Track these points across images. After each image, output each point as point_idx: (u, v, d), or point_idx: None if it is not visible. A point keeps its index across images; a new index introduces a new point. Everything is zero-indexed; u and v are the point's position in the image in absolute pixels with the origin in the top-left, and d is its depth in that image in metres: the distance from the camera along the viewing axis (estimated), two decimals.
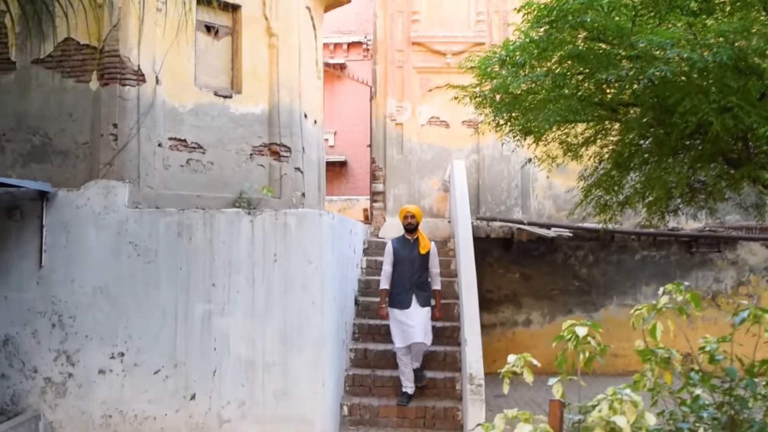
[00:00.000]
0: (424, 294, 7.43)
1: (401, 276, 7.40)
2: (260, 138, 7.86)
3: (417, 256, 7.45)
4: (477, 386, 6.44)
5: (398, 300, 7.36)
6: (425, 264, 7.51)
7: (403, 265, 7.41)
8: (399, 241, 7.63)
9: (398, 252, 7.49)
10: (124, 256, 6.77)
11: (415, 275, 7.39)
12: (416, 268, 7.42)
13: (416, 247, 7.48)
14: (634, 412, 2.86)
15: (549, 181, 11.76)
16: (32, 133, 7.17)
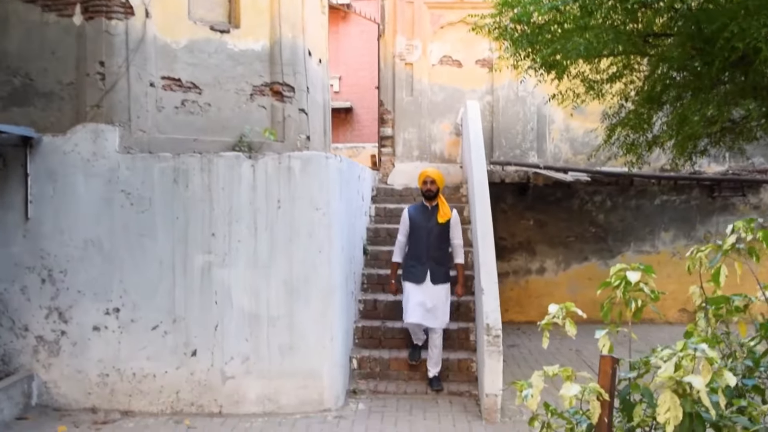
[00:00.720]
0: (441, 269, 6.66)
1: (416, 247, 6.69)
2: (261, 77, 7.26)
3: (435, 225, 6.67)
4: (494, 337, 5.99)
5: (411, 273, 6.68)
6: (444, 235, 6.73)
7: (419, 235, 6.68)
8: (416, 208, 6.91)
9: (414, 220, 6.75)
10: (117, 205, 6.26)
11: (431, 247, 6.63)
12: (433, 239, 6.66)
13: (434, 216, 6.70)
14: (710, 370, 2.32)
15: (566, 124, 11.19)
16: (12, 73, 6.58)
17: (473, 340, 7.27)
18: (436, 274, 6.58)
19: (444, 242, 6.73)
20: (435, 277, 6.57)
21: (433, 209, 6.75)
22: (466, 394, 6.64)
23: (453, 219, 6.76)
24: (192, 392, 6.17)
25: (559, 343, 9.23)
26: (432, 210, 6.75)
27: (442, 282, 6.61)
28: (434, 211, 6.73)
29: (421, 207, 6.86)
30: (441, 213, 6.68)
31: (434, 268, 6.59)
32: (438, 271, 6.60)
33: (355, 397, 6.56)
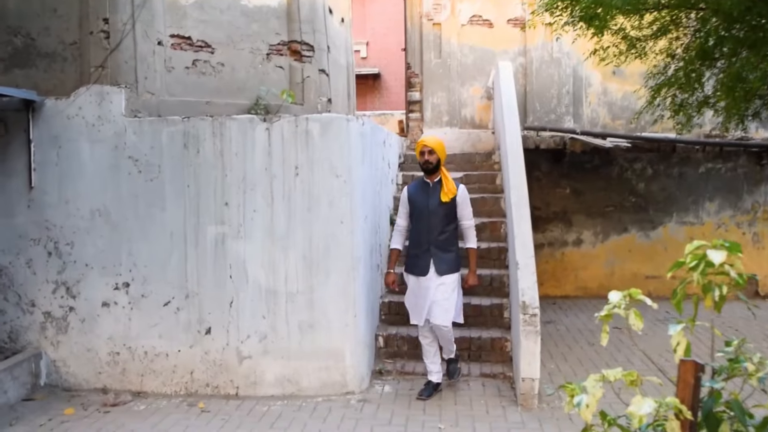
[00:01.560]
0: (446, 256, 5.56)
1: (417, 232, 5.65)
2: (278, 35, 6.74)
3: (437, 205, 5.56)
4: (531, 316, 5.47)
5: (412, 263, 5.67)
6: (450, 216, 5.61)
7: (419, 218, 5.63)
8: (416, 185, 5.77)
9: (414, 200, 5.68)
10: (124, 173, 5.83)
11: (433, 231, 5.56)
12: (435, 222, 5.57)
13: (437, 194, 5.57)
14: None
15: (604, 87, 10.52)
16: (12, 33, 6.15)
17: (507, 317, 6.78)
18: (442, 263, 5.54)
19: (449, 224, 5.62)
20: (440, 267, 5.53)
21: (435, 186, 5.62)
22: (500, 376, 6.15)
23: (460, 195, 5.60)
24: (207, 372, 5.77)
25: (600, 322, 8.69)
26: (434, 187, 5.63)
27: (449, 272, 5.55)
28: (436, 187, 5.61)
29: (421, 184, 5.73)
30: (444, 190, 5.55)
31: (439, 256, 5.54)
32: (444, 260, 5.54)
33: (380, 378, 6.11)
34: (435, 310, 5.48)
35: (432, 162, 5.56)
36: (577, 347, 7.38)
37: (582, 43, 10.16)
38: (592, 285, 10.35)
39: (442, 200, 5.53)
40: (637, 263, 10.41)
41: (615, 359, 6.89)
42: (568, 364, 6.69)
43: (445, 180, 5.60)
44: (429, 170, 5.60)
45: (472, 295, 7.08)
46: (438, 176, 5.63)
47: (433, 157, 5.54)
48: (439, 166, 5.61)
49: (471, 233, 5.74)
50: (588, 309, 9.40)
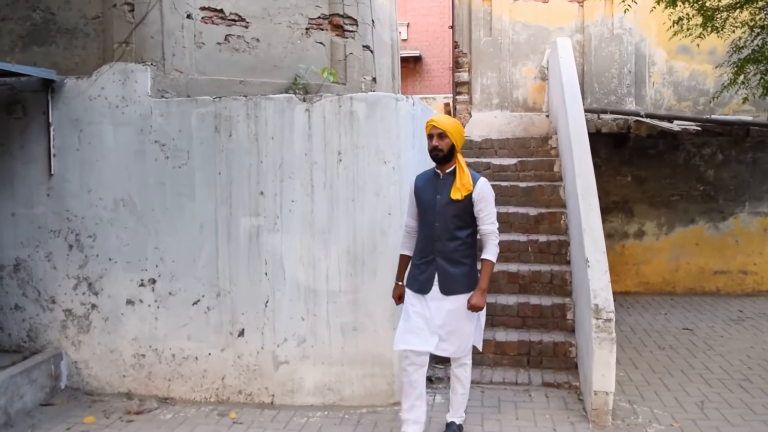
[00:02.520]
0: (455, 271, 4.25)
1: (422, 236, 4.42)
2: (318, 8, 6.13)
3: (446, 203, 4.27)
4: (605, 321, 4.80)
5: (412, 276, 4.42)
6: (463, 218, 4.28)
7: (425, 218, 4.38)
8: (425, 176, 4.53)
9: (420, 194, 4.45)
10: (150, 158, 5.30)
11: (440, 236, 4.27)
12: (443, 225, 4.27)
13: (446, 189, 4.29)
14: None
15: (669, 65, 9.72)
16: (31, 7, 5.65)
17: (571, 319, 6.12)
18: (449, 280, 4.25)
19: (463, 228, 4.30)
20: (446, 285, 4.25)
21: (446, 179, 4.33)
22: (564, 385, 5.50)
23: (477, 193, 4.26)
24: (239, 378, 5.23)
25: (665, 320, 7.96)
26: (444, 180, 4.34)
27: (458, 291, 4.24)
28: (447, 181, 4.32)
29: (432, 175, 4.47)
30: (457, 184, 4.25)
31: (445, 269, 4.25)
32: (452, 275, 4.25)
33: (431, 386, 5.50)
34: (443, 343, 4.26)
35: (443, 149, 4.26)
36: (647, 351, 6.67)
37: (645, 18, 9.46)
38: (654, 280, 9.60)
39: (452, 198, 4.22)
40: (704, 257, 9.60)
41: (691, 365, 6.18)
42: (638, 372, 6.00)
43: (459, 172, 4.28)
44: (439, 159, 4.32)
45: (531, 293, 6.45)
46: (451, 166, 4.34)
47: (445, 142, 4.26)
48: (454, 154, 4.33)
49: (491, 242, 4.30)
50: (651, 306, 8.66)
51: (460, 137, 4.35)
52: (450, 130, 4.25)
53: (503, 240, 6.77)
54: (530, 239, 6.88)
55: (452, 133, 4.27)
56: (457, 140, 4.32)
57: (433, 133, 4.28)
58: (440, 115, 4.21)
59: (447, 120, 4.32)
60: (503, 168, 7.98)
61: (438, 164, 4.38)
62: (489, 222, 4.30)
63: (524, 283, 6.52)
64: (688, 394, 5.43)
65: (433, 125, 4.28)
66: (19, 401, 4.91)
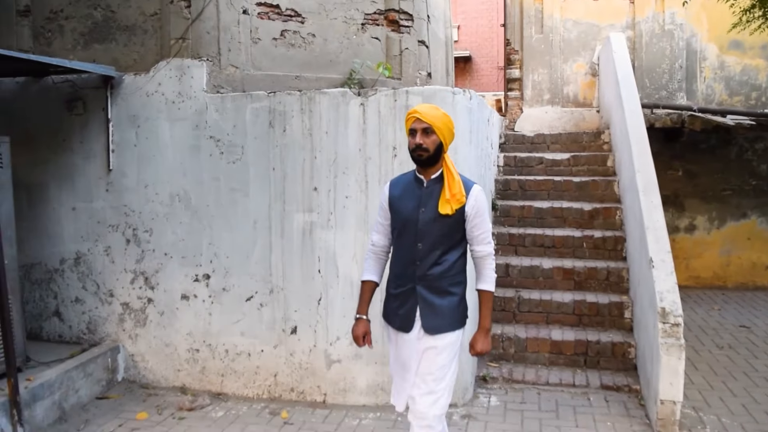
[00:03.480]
0: (442, 304, 3.15)
1: (399, 259, 3.27)
2: (374, 3, 5.80)
3: (431, 218, 3.14)
4: (673, 326, 4.36)
5: (390, 309, 3.31)
6: (452, 236, 3.17)
7: (403, 236, 3.24)
8: (403, 181, 3.34)
9: (396, 205, 3.27)
10: (205, 154, 5.06)
11: (423, 260, 3.15)
12: (427, 246, 3.15)
13: (432, 199, 3.16)
14: None
15: (720, 60, 9.10)
16: (93, 6, 5.46)
17: (629, 318, 5.67)
18: (433, 316, 3.14)
19: (452, 249, 3.17)
20: (430, 321, 3.14)
21: (432, 186, 3.18)
22: (624, 388, 5.07)
23: (472, 206, 3.14)
24: (292, 376, 4.96)
25: (720, 316, 7.42)
26: (429, 188, 3.19)
27: (444, 329, 3.15)
28: (433, 189, 3.17)
29: (412, 180, 3.28)
30: (446, 194, 3.11)
31: (429, 302, 3.14)
32: (437, 309, 3.14)
33: (485, 386, 5.14)
34: (416, 390, 3.17)
35: (428, 149, 3.09)
36: (705, 351, 6.17)
37: (697, 13, 8.88)
38: (705, 275, 9.03)
39: (440, 211, 3.10)
40: (756, 252, 9.00)
41: (754, 368, 5.68)
42: (699, 374, 5.53)
43: (449, 178, 3.13)
44: (424, 161, 3.14)
45: (587, 290, 6.03)
46: (438, 171, 3.17)
47: (431, 139, 3.09)
48: (441, 154, 3.15)
49: (487, 266, 3.19)
50: (703, 302, 8.10)
51: (450, 133, 3.16)
52: (438, 125, 3.09)
53: (558, 235, 6.42)
54: (585, 234, 6.44)
55: (440, 128, 3.09)
56: (446, 137, 3.14)
57: (415, 128, 3.11)
58: (424, 105, 3.20)
59: (434, 111, 3.14)
60: (556, 163, 7.54)
61: (421, 167, 3.19)
62: (485, 242, 3.17)
63: (580, 280, 6.10)
64: (756, 400, 4.95)
65: (416, 117, 3.11)
66: (74, 395, 4.72)
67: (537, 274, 6.08)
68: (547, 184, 7.08)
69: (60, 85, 5.32)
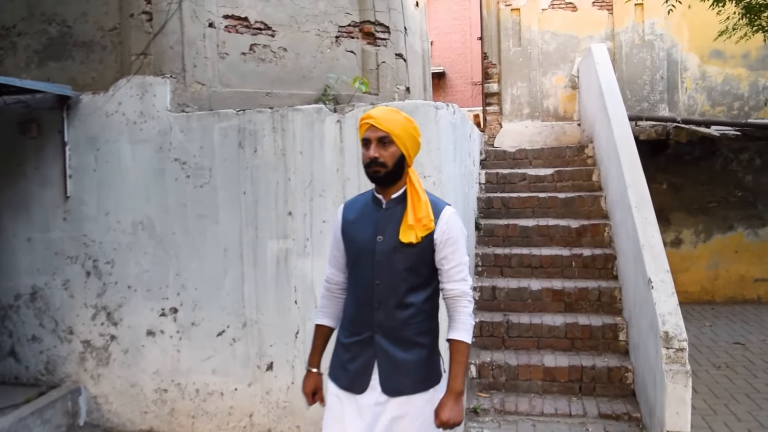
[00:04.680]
0: (405, 358, 2.40)
1: (354, 301, 2.52)
2: (348, 15, 5.35)
3: (392, 248, 2.40)
4: (677, 351, 3.94)
5: (339, 364, 2.56)
6: (419, 271, 2.42)
7: (358, 270, 2.51)
8: (359, 206, 2.59)
9: (352, 234, 2.53)
10: (170, 178, 4.54)
11: (381, 302, 2.41)
12: (387, 284, 2.41)
13: (393, 224, 2.43)
14: None
15: (702, 71, 8.79)
16: (47, 20, 4.94)
17: (624, 341, 5.24)
18: (396, 371, 2.42)
19: (418, 289, 2.43)
20: (391, 379, 2.41)
21: (393, 209, 2.47)
22: (624, 417, 4.61)
23: (442, 231, 2.42)
24: (269, 416, 4.43)
25: (712, 333, 7.03)
26: (389, 211, 2.47)
27: (410, 391, 2.41)
28: (394, 213, 2.46)
29: (369, 203, 2.56)
30: (409, 219, 2.40)
31: (390, 354, 2.41)
32: (400, 364, 2.41)
33: (477, 419, 4.66)
34: None
35: (386, 163, 2.37)
36: (702, 371, 5.76)
37: (677, 23, 8.58)
38: (693, 289, 8.65)
39: (401, 240, 2.38)
40: (744, 265, 8.64)
41: (755, 388, 5.29)
42: (699, 397, 5.10)
43: (414, 198, 2.42)
44: (381, 179, 2.41)
45: (578, 312, 5.60)
46: (400, 189, 2.46)
47: (389, 152, 2.37)
48: (404, 169, 2.43)
49: (462, 310, 2.44)
50: (693, 318, 7.72)
51: (414, 143, 2.43)
52: (398, 132, 2.35)
53: (545, 254, 5.97)
54: (573, 253, 6.01)
55: (401, 137, 2.36)
56: (409, 147, 2.41)
57: (369, 137, 2.37)
58: (381, 107, 2.48)
59: (392, 116, 2.39)
60: (539, 179, 7.11)
61: (379, 186, 2.46)
62: (459, 278, 2.42)
63: (570, 301, 5.65)
64: (762, 425, 4.55)
65: (370, 124, 2.37)
66: None
67: (525, 296, 5.63)
68: (532, 201, 6.64)
69: (12, 107, 4.78)
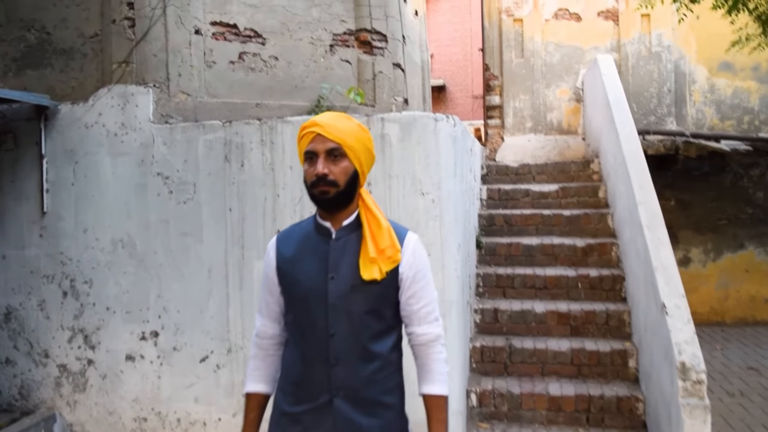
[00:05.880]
0: (371, 424, 1.86)
1: (301, 357, 1.90)
2: (344, 22, 5.08)
3: (349, 289, 1.85)
4: (695, 384, 3.61)
5: None
6: (383, 314, 1.89)
7: (306, 318, 1.89)
8: (299, 235, 1.99)
9: (290, 271, 1.92)
10: (152, 193, 4.25)
11: (340, 357, 1.85)
12: (346, 332, 1.86)
13: (347, 260, 1.87)
14: None
15: (710, 83, 8.48)
16: (26, 27, 4.67)
17: (633, 367, 4.90)
18: None
19: (383, 335, 1.90)
20: None
21: (345, 239, 1.90)
22: None
23: (409, 263, 1.90)
24: None
25: (724, 357, 6.69)
26: (340, 240, 1.90)
27: None
28: (347, 243, 1.89)
29: (312, 233, 1.95)
30: (370, 250, 1.84)
31: (352, 421, 1.86)
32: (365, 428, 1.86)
33: None
34: None
35: (336, 181, 1.82)
36: (715, 399, 5.42)
37: (685, 34, 8.31)
38: (702, 310, 8.29)
39: (363, 277, 1.84)
40: (755, 284, 8.30)
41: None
42: (714, 428, 4.73)
43: (370, 223, 1.89)
44: (329, 202, 1.84)
45: (585, 336, 5.27)
46: (352, 214, 1.92)
47: (340, 167, 1.83)
48: (356, 189, 1.90)
49: (436, 357, 1.95)
50: (703, 340, 7.37)
51: (369, 156, 1.91)
52: (351, 143, 1.83)
53: (549, 275, 5.65)
54: (579, 273, 5.68)
55: (354, 149, 1.84)
56: (364, 162, 1.88)
57: (316, 150, 1.83)
58: (328, 113, 1.92)
59: (343, 123, 1.86)
60: (543, 195, 6.81)
61: (326, 211, 1.90)
62: (432, 318, 1.94)
63: (576, 325, 5.32)
64: None
65: (316, 133, 1.82)
66: None
67: (529, 319, 5.30)
68: (535, 219, 6.33)
69: None
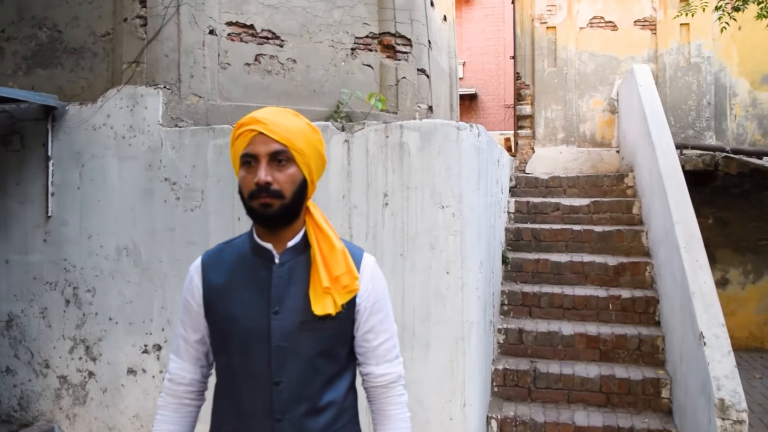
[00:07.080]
0: None
1: (235, 407, 1.55)
2: (366, 26, 4.83)
3: (297, 326, 1.49)
4: (735, 423, 3.27)
5: None
6: (336, 354, 1.55)
7: (243, 363, 1.51)
8: (231, 258, 1.59)
9: (221, 304, 1.54)
10: (159, 199, 4.03)
11: (287, 408, 1.48)
12: (294, 379, 1.48)
13: (294, 290, 1.51)
14: None
15: (752, 96, 8.07)
16: (37, 25, 4.51)
17: (666, 398, 4.54)
18: None
19: (336, 379, 1.55)
20: None
21: (290, 261, 1.53)
22: None
23: (366, 294, 1.57)
24: None
25: (763, 386, 6.27)
26: (284, 265, 1.53)
27: None
28: (292, 268, 1.53)
29: (249, 255, 1.56)
30: (320, 279, 1.49)
31: None
32: None
33: None
34: None
35: (281, 192, 1.45)
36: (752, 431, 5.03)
37: (725, 45, 7.91)
38: (740, 334, 7.85)
39: (315, 312, 1.49)
40: None
41: None
42: None
43: (321, 243, 1.53)
44: (272, 217, 1.47)
45: (615, 362, 4.92)
46: (298, 232, 1.55)
47: (286, 174, 1.46)
48: (303, 202, 1.53)
49: (396, 401, 1.62)
50: (741, 367, 6.89)
51: (319, 161, 1.58)
52: (301, 146, 1.49)
53: (578, 294, 5.31)
54: (610, 294, 5.33)
55: (303, 152, 1.50)
56: (314, 168, 1.55)
57: (256, 153, 1.47)
58: (270, 108, 1.56)
59: (291, 122, 1.51)
60: (574, 209, 6.46)
61: (267, 229, 1.53)
62: (392, 356, 1.64)
63: (606, 349, 4.97)
64: None
65: (256, 132, 1.47)
66: None
67: (555, 341, 4.97)
68: (565, 234, 5.99)
69: None
